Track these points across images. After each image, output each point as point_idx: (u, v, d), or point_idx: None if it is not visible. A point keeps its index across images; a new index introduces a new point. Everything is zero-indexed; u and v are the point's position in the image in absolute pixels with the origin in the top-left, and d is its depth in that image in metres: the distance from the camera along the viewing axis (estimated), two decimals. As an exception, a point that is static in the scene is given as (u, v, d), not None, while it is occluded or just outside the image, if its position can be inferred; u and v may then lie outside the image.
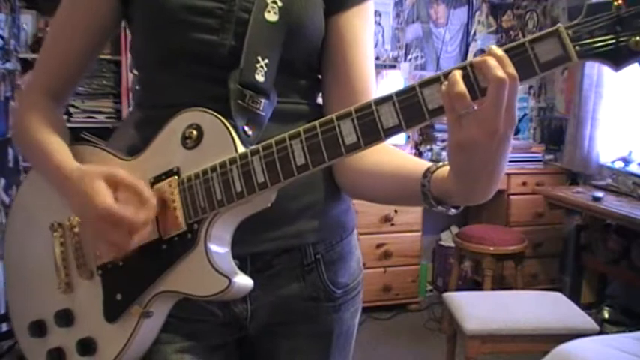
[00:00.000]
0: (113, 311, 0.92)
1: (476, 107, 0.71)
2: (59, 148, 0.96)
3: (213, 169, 0.85)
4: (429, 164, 0.86)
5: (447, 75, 0.72)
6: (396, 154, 0.95)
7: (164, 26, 0.91)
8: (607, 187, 3.39)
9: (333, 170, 1.01)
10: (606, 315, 3.34)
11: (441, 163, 0.84)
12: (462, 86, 0.70)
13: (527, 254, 3.54)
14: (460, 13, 4.22)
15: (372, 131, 0.76)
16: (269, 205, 0.87)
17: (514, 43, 0.70)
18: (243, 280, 0.87)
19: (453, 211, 0.85)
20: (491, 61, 0.69)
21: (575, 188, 3.55)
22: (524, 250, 3.44)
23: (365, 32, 1.00)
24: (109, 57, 3.39)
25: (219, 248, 0.87)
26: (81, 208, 0.88)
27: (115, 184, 0.86)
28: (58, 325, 0.98)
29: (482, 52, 4.24)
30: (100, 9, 0.98)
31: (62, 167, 0.92)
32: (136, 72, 3.25)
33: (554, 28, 0.68)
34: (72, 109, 3.37)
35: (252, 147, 0.83)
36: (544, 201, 3.56)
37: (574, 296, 3.29)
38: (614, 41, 0.67)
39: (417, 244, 3.69)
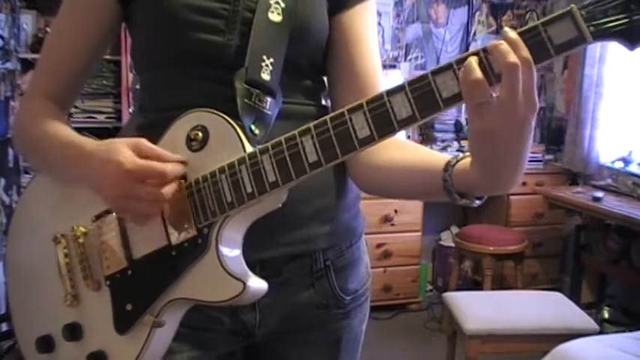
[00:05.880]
0: (124, 322, 0.90)
1: (494, 94, 0.69)
2: (76, 134, 0.94)
3: (222, 170, 0.82)
4: (448, 157, 0.84)
5: (459, 62, 0.70)
6: (412, 148, 0.94)
7: (168, 27, 0.90)
8: (607, 187, 3.38)
9: (347, 167, 0.99)
10: (606, 315, 3.34)
11: (460, 155, 0.82)
12: (478, 73, 0.68)
13: (527, 254, 3.54)
14: (460, 13, 4.22)
15: (385, 123, 0.74)
16: (280, 204, 0.84)
17: (527, 26, 0.68)
18: (258, 284, 0.84)
19: (477, 202, 0.83)
20: (503, 46, 0.67)
21: (575, 188, 3.55)
22: (524, 250, 3.44)
23: (369, 29, 1.00)
24: (108, 57, 3.38)
25: (232, 251, 0.85)
26: (105, 171, 0.82)
27: (139, 151, 0.82)
28: (66, 340, 0.95)
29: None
30: (101, 11, 0.96)
31: (83, 143, 0.90)
32: (134, 72, 3.26)
33: (567, 8, 0.66)
34: (72, 109, 3.37)
35: (261, 146, 0.81)
36: (544, 201, 3.56)
37: (574, 296, 3.29)
38: (628, 20, 0.65)
39: (417, 244, 3.69)
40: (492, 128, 0.71)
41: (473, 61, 0.69)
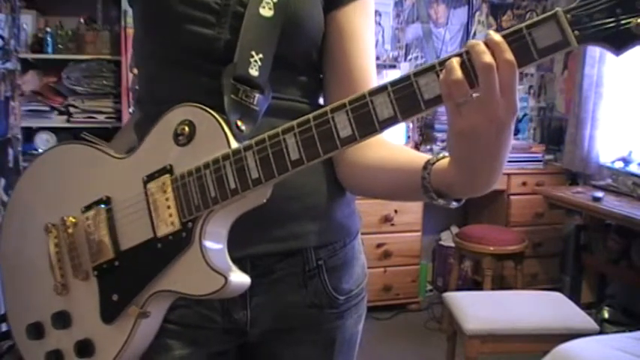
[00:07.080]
0: (110, 312, 0.91)
1: (474, 95, 0.69)
2: None
3: (207, 165, 0.83)
4: (428, 156, 0.85)
5: (442, 63, 0.70)
6: (397, 148, 0.94)
7: (162, 18, 0.91)
8: (607, 187, 3.38)
9: (334, 166, 0.99)
10: (606, 315, 3.34)
11: (441, 155, 0.83)
12: (458, 73, 0.68)
13: (527, 254, 3.54)
14: (460, 13, 4.22)
15: (367, 123, 0.74)
16: (264, 200, 0.85)
17: (511, 29, 0.68)
18: (240, 278, 0.85)
19: (455, 204, 0.84)
20: (479, 47, 0.68)
21: (575, 188, 3.55)
22: (524, 250, 3.44)
23: (364, 27, 0.99)
24: (109, 57, 3.38)
25: (215, 246, 0.86)
26: None
27: None
28: (55, 328, 0.97)
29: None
30: None
31: None
32: (135, 71, 3.25)
33: (552, 11, 0.66)
34: (72, 109, 3.37)
35: (246, 142, 0.82)
36: (544, 201, 3.56)
37: (574, 296, 3.29)
38: (614, 24, 0.64)
39: (417, 244, 3.69)
40: (471, 128, 0.71)
41: (454, 61, 0.69)
